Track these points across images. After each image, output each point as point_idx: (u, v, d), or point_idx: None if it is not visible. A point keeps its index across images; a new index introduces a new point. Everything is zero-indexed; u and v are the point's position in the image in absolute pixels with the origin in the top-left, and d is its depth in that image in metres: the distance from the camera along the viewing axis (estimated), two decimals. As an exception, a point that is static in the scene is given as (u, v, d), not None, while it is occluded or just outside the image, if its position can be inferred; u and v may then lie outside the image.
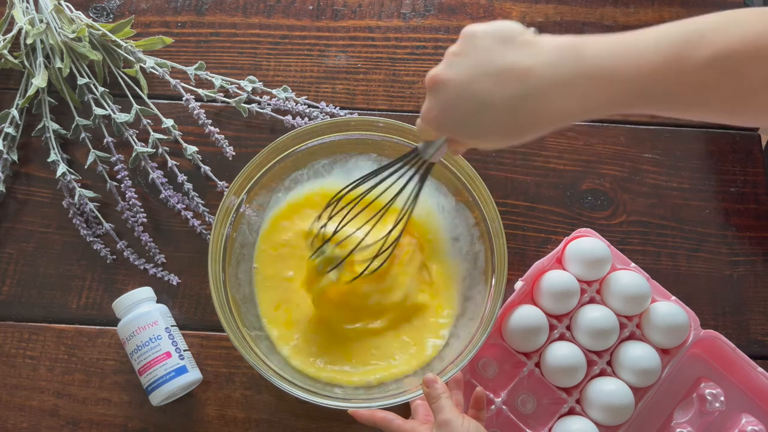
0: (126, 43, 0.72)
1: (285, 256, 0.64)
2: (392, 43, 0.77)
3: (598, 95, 0.38)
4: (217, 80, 0.72)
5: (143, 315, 0.61)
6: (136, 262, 0.67)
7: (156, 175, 0.68)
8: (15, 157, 0.70)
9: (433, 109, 0.43)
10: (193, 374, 0.61)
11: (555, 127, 0.40)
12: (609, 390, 0.59)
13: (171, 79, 0.71)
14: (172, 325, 0.62)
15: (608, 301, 0.63)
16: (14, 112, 0.70)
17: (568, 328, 0.63)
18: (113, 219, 0.68)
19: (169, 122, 0.70)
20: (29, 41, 0.69)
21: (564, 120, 0.39)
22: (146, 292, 0.64)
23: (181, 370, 0.60)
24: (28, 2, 0.71)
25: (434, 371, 0.57)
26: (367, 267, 0.58)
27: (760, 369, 0.61)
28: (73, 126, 0.70)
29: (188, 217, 0.68)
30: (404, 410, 0.61)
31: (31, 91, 0.69)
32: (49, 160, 0.69)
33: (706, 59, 0.36)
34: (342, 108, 0.73)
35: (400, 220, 0.56)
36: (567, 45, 0.39)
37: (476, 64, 0.40)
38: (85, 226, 0.68)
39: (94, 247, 0.67)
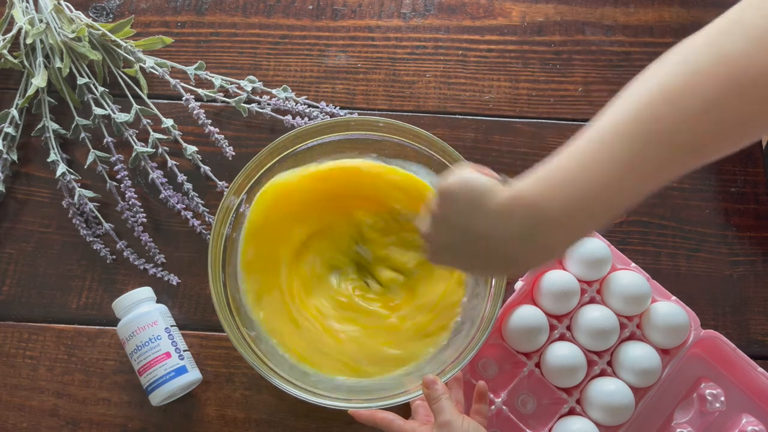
0: (126, 42, 0.72)
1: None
2: (392, 43, 0.77)
3: (575, 232, 0.39)
4: (217, 80, 0.72)
5: (143, 315, 0.61)
6: (135, 262, 0.67)
7: (156, 175, 0.68)
8: (15, 157, 0.70)
9: (429, 238, 0.46)
10: (193, 374, 0.61)
11: (542, 264, 0.43)
12: (609, 390, 0.59)
13: (171, 79, 0.71)
14: (171, 325, 0.62)
15: (608, 301, 0.63)
16: (14, 111, 0.70)
17: (569, 328, 0.63)
18: (113, 219, 0.68)
19: (168, 122, 0.70)
20: (29, 41, 0.69)
21: (553, 257, 0.41)
22: (146, 292, 0.64)
23: (181, 370, 0.60)
24: (27, 2, 0.71)
25: (434, 372, 0.57)
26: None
27: (760, 369, 0.61)
28: (73, 126, 0.70)
29: (188, 217, 0.67)
30: (405, 410, 0.61)
31: (30, 91, 0.69)
32: (48, 160, 0.69)
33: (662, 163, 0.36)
34: (342, 108, 0.73)
35: None
36: (529, 206, 0.39)
37: (455, 227, 0.42)
38: (84, 226, 0.68)
39: (94, 247, 0.67)
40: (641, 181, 0.37)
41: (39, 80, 0.69)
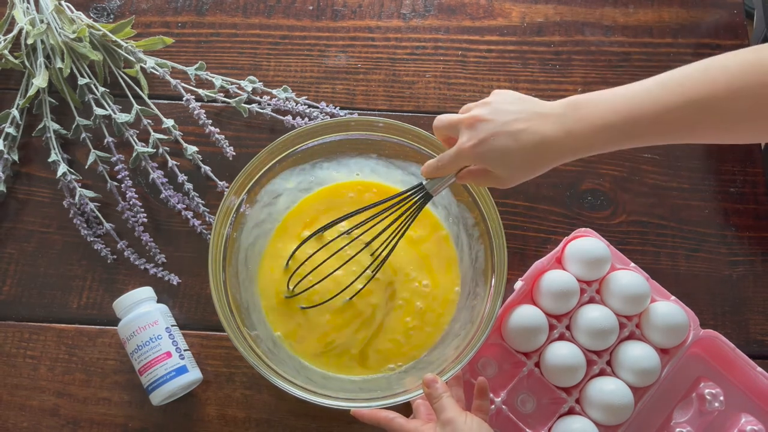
0: (126, 43, 0.72)
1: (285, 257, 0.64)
2: (392, 44, 0.77)
3: (597, 137, 0.48)
4: (218, 80, 0.72)
5: (143, 315, 0.61)
6: (136, 262, 0.67)
7: (156, 175, 0.68)
8: (16, 157, 0.70)
9: (471, 140, 0.50)
10: (194, 374, 0.61)
11: (565, 160, 0.49)
12: (609, 390, 0.59)
13: (171, 80, 0.71)
14: (172, 325, 0.62)
15: (608, 300, 0.64)
16: (15, 112, 0.70)
17: (568, 327, 0.63)
18: (114, 219, 0.68)
19: (169, 122, 0.70)
20: (30, 41, 0.70)
21: (572, 155, 0.49)
22: (146, 292, 0.64)
23: (182, 370, 0.60)
24: (28, 2, 0.71)
25: (433, 371, 0.57)
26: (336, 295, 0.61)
27: (759, 369, 0.61)
28: (74, 126, 0.70)
29: (188, 217, 0.68)
30: (405, 410, 0.61)
31: (31, 92, 0.70)
32: (49, 160, 0.69)
33: (685, 103, 0.45)
34: (342, 108, 0.73)
35: (386, 252, 0.60)
36: (571, 101, 0.49)
37: (510, 111, 0.50)
38: (85, 226, 0.68)
39: (95, 247, 0.67)
40: (660, 123, 0.46)
41: (40, 80, 0.69)
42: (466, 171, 0.54)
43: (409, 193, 0.56)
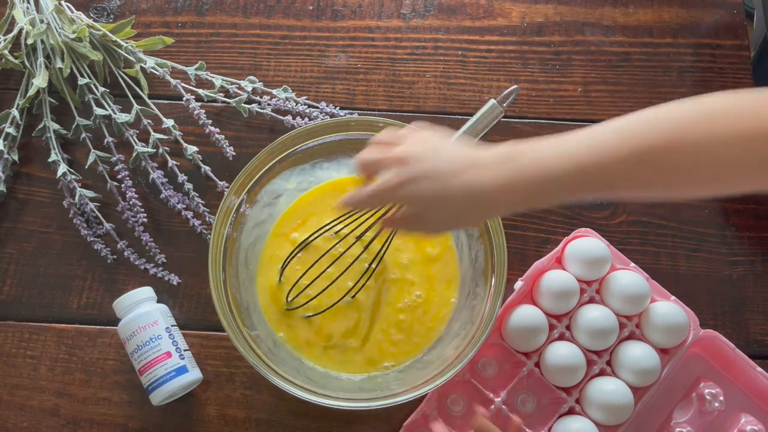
0: (126, 43, 0.72)
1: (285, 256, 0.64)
2: (392, 44, 0.77)
3: (539, 191, 0.44)
4: (218, 80, 0.72)
5: (143, 315, 0.61)
6: (136, 262, 0.67)
7: (156, 175, 0.68)
8: (16, 157, 0.70)
9: (397, 177, 0.46)
10: (194, 374, 0.61)
11: (499, 214, 0.49)
12: (608, 389, 0.59)
13: (171, 80, 0.71)
14: (172, 325, 0.62)
15: (608, 301, 0.64)
16: (15, 112, 0.70)
17: (568, 327, 0.63)
18: (114, 219, 0.68)
19: (169, 122, 0.70)
20: (30, 41, 0.70)
21: (508, 209, 0.47)
22: (146, 291, 0.64)
23: (182, 370, 0.60)
24: (28, 2, 0.71)
25: (433, 371, 0.57)
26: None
27: (759, 369, 0.61)
28: (74, 126, 0.70)
29: (188, 217, 0.68)
30: (406, 411, 0.61)
31: (31, 92, 0.70)
32: (49, 160, 0.69)
33: (628, 156, 0.41)
34: (342, 108, 0.73)
35: (378, 259, 0.61)
36: (511, 151, 0.45)
37: (444, 153, 0.47)
38: (85, 226, 0.68)
39: (95, 247, 0.67)
40: (603, 175, 0.42)
41: (40, 80, 0.69)
42: (389, 217, 0.50)
43: None
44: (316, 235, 0.63)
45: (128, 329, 0.61)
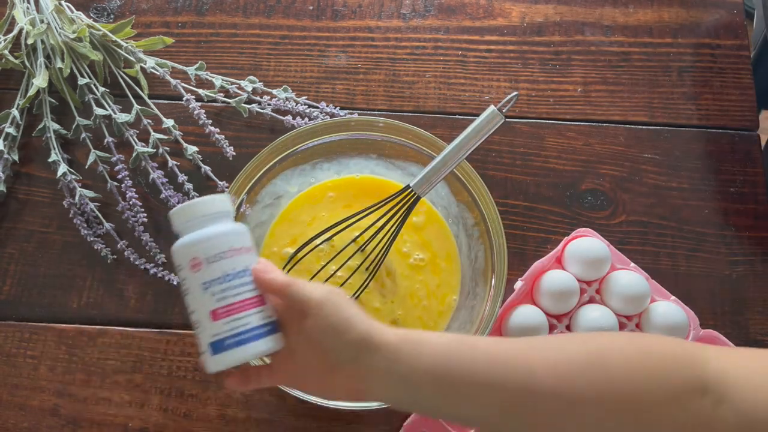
0: (126, 43, 0.72)
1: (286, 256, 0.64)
2: (392, 44, 0.77)
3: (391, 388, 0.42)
4: (218, 80, 0.72)
5: (236, 232, 0.42)
6: (136, 262, 0.67)
7: (156, 175, 0.68)
8: (16, 157, 0.70)
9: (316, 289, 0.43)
10: (280, 337, 0.43)
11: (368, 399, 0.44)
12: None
13: (171, 80, 0.71)
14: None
15: (608, 301, 0.64)
16: (15, 112, 0.70)
17: (568, 328, 0.63)
18: (114, 219, 0.68)
19: (169, 122, 0.70)
20: (30, 41, 0.70)
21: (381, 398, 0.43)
22: (227, 202, 0.44)
23: (274, 327, 0.42)
24: (28, 2, 0.71)
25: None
26: None
27: (759, 368, 0.61)
28: (74, 126, 0.70)
29: (189, 217, 0.68)
30: (405, 413, 0.61)
31: (31, 92, 0.70)
32: (49, 160, 0.69)
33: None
34: (342, 108, 0.73)
35: (380, 258, 0.60)
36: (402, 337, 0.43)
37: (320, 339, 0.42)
38: (85, 225, 0.68)
39: (95, 247, 0.67)
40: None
41: (40, 80, 0.69)
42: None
43: (396, 197, 0.56)
44: (310, 246, 0.60)
45: (213, 247, 0.41)
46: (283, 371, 0.45)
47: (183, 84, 0.72)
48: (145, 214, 0.68)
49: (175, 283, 0.67)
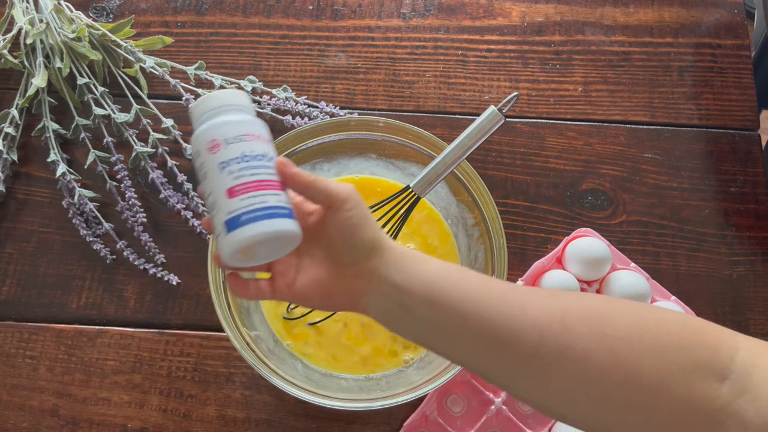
0: (126, 42, 0.72)
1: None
2: (392, 43, 0.77)
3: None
4: (217, 80, 0.72)
5: (256, 123, 0.42)
6: (136, 262, 0.67)
7: (156, 174, 0.68)
8: (15, 157, 0.70)
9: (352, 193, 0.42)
10: (297, 225, 0.41)
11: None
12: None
13: (171, 79, 0.71)
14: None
15: (608, 301, 0.63)
16: (14, 112, 0.70)
17: (568, 328, 0.63)
18: (113, 219, 0.68)
19: (168, 122, 0.70)
20: (29, 41, 0.69)
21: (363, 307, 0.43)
22: (248, 99, 0.44)
23: (291, 214, 0.41)
24: (28, 2, 0.71)
25: (433, 371, 0.57)
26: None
27: (759, 369, 0.61)
28: (73, 126, 0.70)
29: (188, 217, 0.68)
30: (406, 411, 0.61)
31: (31, 91, 0.69)
32: (48, 160, 0.69)
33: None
34: (342, 108, 0.73)
35: None
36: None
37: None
38: (84, 226, 0.68)
39: (94, 247, 0.67)
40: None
41: (39, 80, 0.69)
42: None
43: (396, 198, 0.56)
44: None
45: (232, 129, 0.40)
46: (284, 282, 0.43)
47: (182, 84, 0.72)
48: (145, 214, 0.68)
49: (174, 283, 0.66)
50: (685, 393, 0.35)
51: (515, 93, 0.53)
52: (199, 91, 0.72)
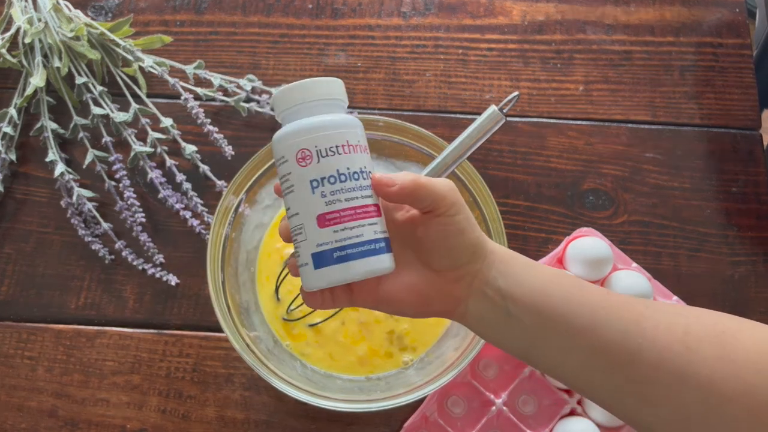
0: (125, 42, 0.72)
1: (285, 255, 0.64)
2: (392, 42, 0.76)
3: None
4: (216, 79, 0.72)
5: (353, 125, 0.36)
6: (134, 262, 0.67)
7: (155, 174, 0.68)
8: (13, 157, 0.70)
9: (455, 194, 0.39)
10: (392, 260, 0.37)
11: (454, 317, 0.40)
12: (610, 391, 0.59)
13: (170, 78, 0.71)
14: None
15: (609, 301, 0.63)
16: (12, 111, 0.70)
17: (569, 328, 0.63)
18: (112, 219, 0.68)
19: (167, 121, 0.70)
20: (27, 40, 0.69)
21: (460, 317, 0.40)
22: (343, 88, 0.38)
23: (388, 245, 0.36)
24: (26, 1, 0.71)
25: (433, 372, 0.57)
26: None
27: (761, 370, 0.61)
28: (72, 125, 0.70)
29: (187, 216, 0.67)
30: (406, 412, 0.61)
31: (29, 91, 0.69)
32: (47, 159, 0.68)
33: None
34: (342, 107, 0.72)
35: None
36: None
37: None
38: (83, 226, 0.68)
39: (93, 247, 0.67)
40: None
41: (37, 80, 0.69)
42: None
43: None
44: None
45: (326, 138, 0.34)
46: (365, 290, 0.39)
47: (181, 83, 0.71)
48: (144, 214, 0.67)
49: (173, 283, 0.66)
50: None
51: (516, 92, 0.53)
52: (198, 90, 0.71)
